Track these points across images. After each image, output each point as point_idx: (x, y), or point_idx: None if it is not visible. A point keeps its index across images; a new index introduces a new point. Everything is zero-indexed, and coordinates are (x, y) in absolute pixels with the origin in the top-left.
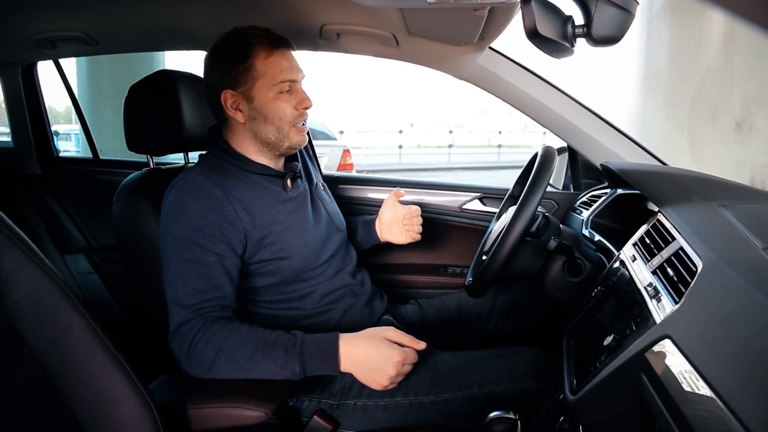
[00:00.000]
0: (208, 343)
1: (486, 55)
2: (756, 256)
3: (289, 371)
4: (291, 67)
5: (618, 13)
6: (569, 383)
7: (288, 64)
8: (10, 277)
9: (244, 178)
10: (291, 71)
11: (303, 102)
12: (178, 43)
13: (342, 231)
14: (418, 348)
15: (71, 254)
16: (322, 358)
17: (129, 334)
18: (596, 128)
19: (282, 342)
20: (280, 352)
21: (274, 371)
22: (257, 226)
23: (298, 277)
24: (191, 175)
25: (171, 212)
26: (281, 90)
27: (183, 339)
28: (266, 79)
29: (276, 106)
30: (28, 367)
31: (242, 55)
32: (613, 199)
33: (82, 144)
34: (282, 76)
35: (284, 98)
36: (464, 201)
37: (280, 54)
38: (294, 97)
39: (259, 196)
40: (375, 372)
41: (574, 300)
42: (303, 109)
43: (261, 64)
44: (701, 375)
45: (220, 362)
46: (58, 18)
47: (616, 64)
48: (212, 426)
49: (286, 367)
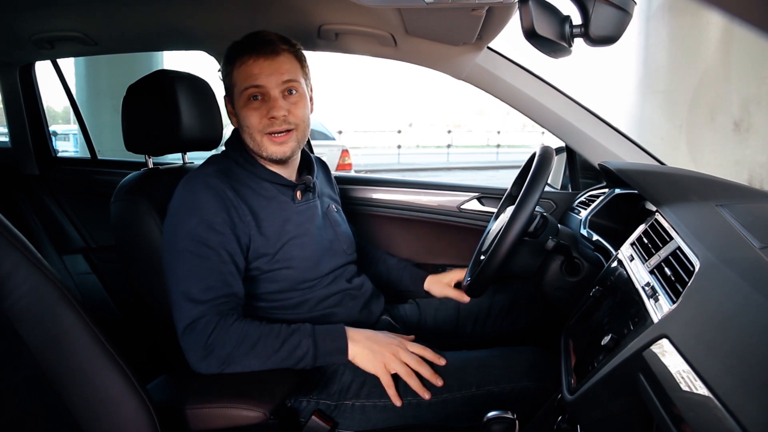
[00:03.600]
0: (228, 336)
1: (484, 55)
2: (753, 256)
3: (302, 351)
4: (258, 74)
5: (616, 13)
6: (567, 383)
7: (255, 70)
8: (8, 278)
9: (254, 184)
10: (256, 77)
11: (270, 110)
12: (177, 43)
13: (349, 255)
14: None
15: (69, 254)
16: (332, 339)
17: (127, 334)
18: (594, 128)
19: (294, 328)
20: (296, 337)
21: (291, 358)
22: (262, 233)
23: (293, 287)
24: (204, 174)
25: (183, 208)
26: (248, 97)
27: (199, 334)
28: (237, 87)
29: (245, 113)
30: (26, 368)
31: (228, 62)
32: (611, 199)
33: (80, 144)
34: (247, 82)
35: (253, 105)
36: (462, 201)
37: (252, 60)
38: (265, 106)
39: (266, 204)
40: (379, 354)
41: (572, 300)
42: (270, 118)
43: (236, 72)
44: (698, 374)
45: (239, 354)
46: (56, 18)
47: (614, 64)
48: (210, 426)
49: (300, 348)
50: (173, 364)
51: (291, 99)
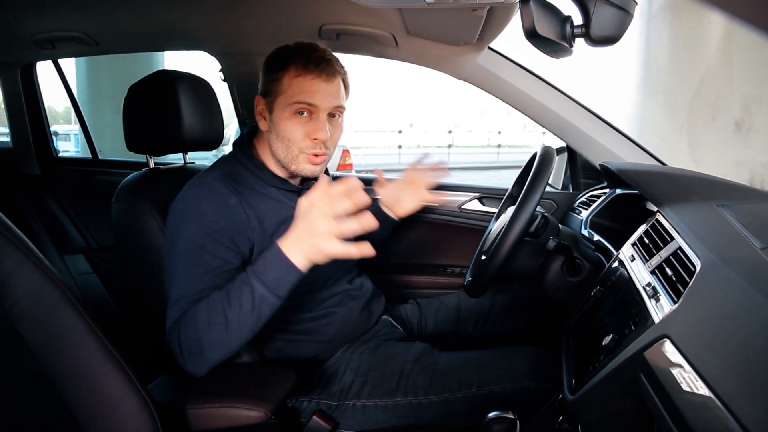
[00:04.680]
0: (188, 326)
1: (485, 55)
2: (754, 256)
3: (258, 297)
4: (314, 92)
5: (617, 14)
6: (568, 383)
7: (313, 87)
8: (9, 278)
9: (260, 189)
10: (312, 95)
11: (314, 132)
12: (178, 44)
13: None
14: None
15: (70, 254)
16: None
17: (128, 334)
18: (595, 128)
19: (237, 282)
20: (239, 289)
21: (246, 309)
22: (266, 236)
23: (295, 288)
24: (210, 178)
25: (184, 213)
26: (296, 110)
27: (174, 336)
28: (286, 96)
29: (287, 125)
30: (27, 367)
31: (277, 66)
32: (612, 199)
33: (82, 144)
34: (299, 97)
35: (298, 120)
36: (463, 201)
37: (312, 77)
38: (311, 124)
39: (272, 209)
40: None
41: (573, 300)
42: (313, 138)
43: (288, 80)
44: (699, 374)
45: (204, 338)
46: (58, 18)
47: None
48: (211, 426)
49: (251, 296)
50: (174, 364)
51: (334, 122)
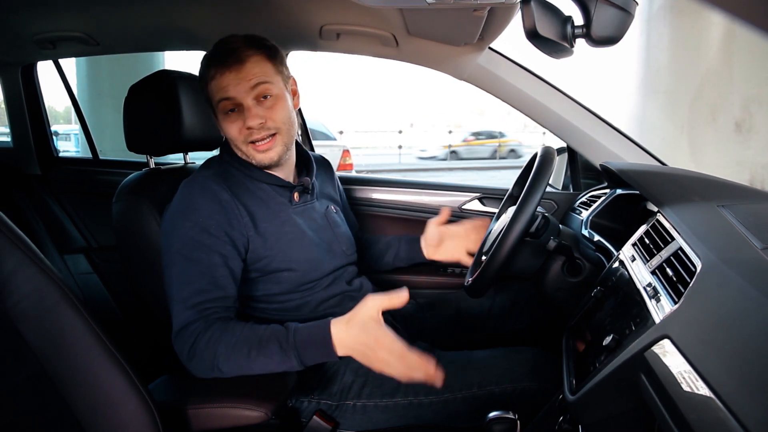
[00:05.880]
0: (207, 345)
1: (486, 56)
2: (755, 256)
3: (287, 365)
4: (227, 86)
5: (617, 14)
6: (569, 383)
7: (224, 83)
8: (10, 278)
9: (251, 186)
10: (226, 90)
11: (246, 121)
12: (178, 44)
13: (349, 256)
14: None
15: (71, 254)
16: (316, 346)
17: (129, 334)
18: (596, 128)
19: (276, 336)
20: (275, 347)
21: (271, 366)
22: (259, 233)
23: (294, 289)
24: (202, 177)
25: (178, 211)
26: (225, 110)
27: (185, 341)
28: (213, 100)
29: (225, 126)
30: (28, 367)
31: (201, 75)
32: (612, 200)
33: (82, 144)
34: (217, 96)
35: (231, 118)
36: (464, 201)
37: (222, 73)
38: (241, 117)
39: (263, 205)
40: (372, 352)
41: (574, 300)
42: (247, 128)
43: (209, 85)
44: (700, 375)
45: (219, 363)
46: (58, 18)
47: (615, 64)
48: (212, 426)
49: (284, 362)
50: (175, 363)
51: (266, 104)
